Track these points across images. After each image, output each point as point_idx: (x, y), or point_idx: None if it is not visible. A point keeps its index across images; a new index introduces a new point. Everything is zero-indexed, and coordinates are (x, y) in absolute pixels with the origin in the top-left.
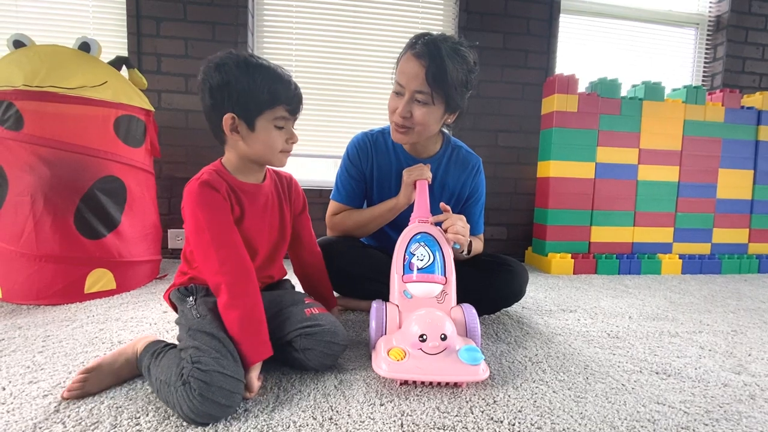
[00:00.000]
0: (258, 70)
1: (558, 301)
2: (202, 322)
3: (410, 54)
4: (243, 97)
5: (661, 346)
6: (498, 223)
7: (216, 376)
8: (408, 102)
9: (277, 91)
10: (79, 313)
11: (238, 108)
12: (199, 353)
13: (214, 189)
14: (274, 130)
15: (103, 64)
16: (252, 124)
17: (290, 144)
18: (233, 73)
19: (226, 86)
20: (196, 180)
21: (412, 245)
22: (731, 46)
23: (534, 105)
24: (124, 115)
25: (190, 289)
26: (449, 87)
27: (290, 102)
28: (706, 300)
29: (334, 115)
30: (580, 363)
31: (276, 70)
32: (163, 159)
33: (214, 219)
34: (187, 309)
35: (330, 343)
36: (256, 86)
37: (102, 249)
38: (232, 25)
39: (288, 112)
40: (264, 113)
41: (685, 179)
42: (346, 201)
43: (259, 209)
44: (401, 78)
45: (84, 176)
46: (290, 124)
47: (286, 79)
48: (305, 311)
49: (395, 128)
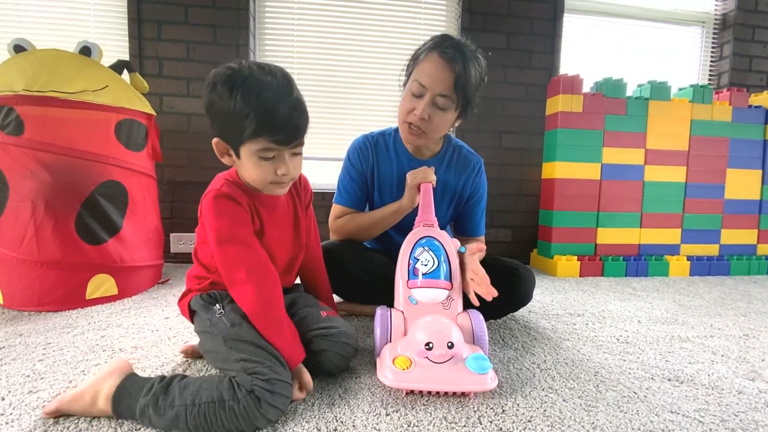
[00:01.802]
0: (242, 90)
1: (565, 305)
2: (239, 331)
3: (438, 56)
4: (225, 123)
5: (672, 352)
6: (502, 225)
7: (277, 384)
8: (429, 105)
9: (262, 121)
10: (81, 319)
11: (221, 132)
12: (252, 364)
13: (235, 201)
14: (259, 162)
15: (104, 68)
16: (237, 152)
17: (282, 176)
18: (217, 92)
19: (212, 108)
20: (215, 191)
21: (417, 250)
22: (738, 44)
23: (538, 106)
24: (126, 119)
25: (214, 296)
26: (471, 94)
27: (276, 133)
28: (716, 303)
29: (337, 118)
30: (590, 370)
31: (265, 83)
32: (164, 163)
33: (236, 230)
34: (216, 318)
35: (345, 345)
36: (236, 112)
37: (103, 254)
38: (233, 27)
39: (275, 143)
40: (246, 143)
41: (692, 180)
42: (349, 204)
43: (278, 220)
44: (424, 79)
45: (85, 181)
46: (285, 154)
47: (277, 102)
48: (320, 313)
49: (409, 129)
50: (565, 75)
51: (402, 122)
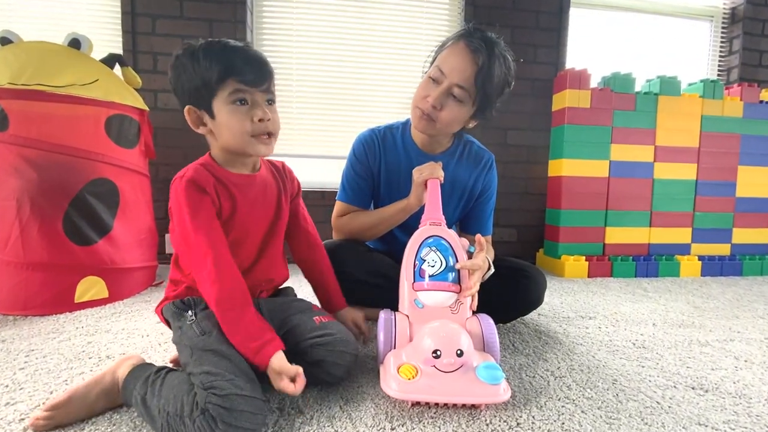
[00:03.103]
0: (203, 49)
1: (575, 307)
2: (207, 340)
3: (465, 45)
4: (192, 83)
5: (692, 357)
6: (508, 225)
7: (236, 399)
8: (443, 93)
9: (225, 63)
10: (68, 324)
11: (191, 97)
12: (211, 378)
13: (202, 190)
14: (236, 111)
15: (94, 62)
16: (209, 110)
17: (260, 124)
18: (183, 63)
19: (178, 78)
20: (181, 178)
21: (423, 250)
22: (748, 38)
23: (544, 101)
24: (116, 114)
25: (188, 303)
26: (491, 91)
27: (243, 71)
28: (731, 304)
29: (337, 115)
30: (608, 377)
31: (227, 43)
32: (159, 161)
33: (204, 225)
34: (186, 326)
35: (343, 353)
36: (202, 66)
37: (93, 255)
38: (230, 22)
39: (244, 84)
40: (217, 93)
41: (703, 177)
42: (353, 201)
43: (253, 200)
44: (444, 66)
45: (73, 179)
46: (258, 99)
47: (237, 48)
48: (314, 319)
49: (420, 115)
50: (572, 69)
51: (414, 107)
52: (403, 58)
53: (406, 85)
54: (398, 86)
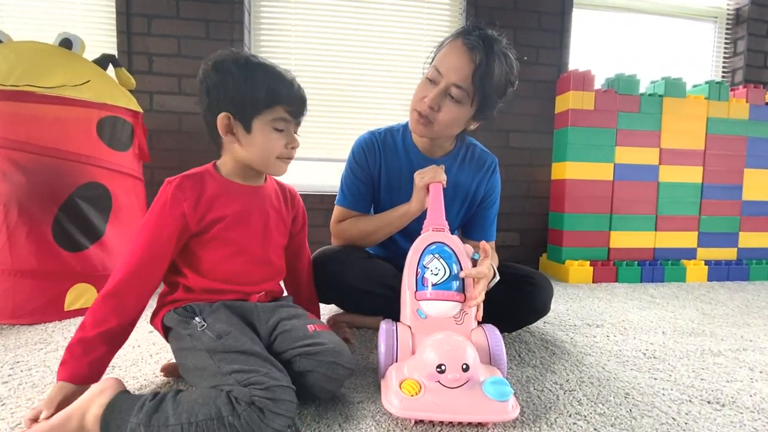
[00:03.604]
0: (258, 68)
1: (581, 315)
2: (227, 342)
3: (461, 43)
4: (239, 95)
5: (705, 368)
6: (510, 229)
7: (277, 390)
8: (440, 94)
9: (277, 90)
10: (57, 333)
11: (233, 107)
12: (246, 375)
13: (179, 196)
14: (273, 133)
15: (86, 62)
16: (248, 125)
17: (290, 149)
18: (231, 71)
19: (223, 84)
20: (169, 183)
21: (426, 257)
22: (752, 40)
23: (547, 103)
24: (109, 116)
25: (191, 309)
26: (491, 91)
27: (291, 102)
28: (740, 311)
29: (336, 117)
30: (620, 391)
31: (277, 68)
32: (155, 164)
33: (158, 232)
34: (198, 332)
35: (334, 365)
36: (254, 84)
37: (84, 262)
38: (227, 22)
39: (289, 114)
40: (261, 113)
41: (708, 180)
42: (353, 206)
43: (247, 211)
44: (442, 65)
45: (63, 183)
46: (291, 127)
47: (288, 78)
48: (307, 327)
49: (417, 118)
50: (576, 71)
51: (412, 109)
52: (404, 59)
53: (406, 87)
54: (398, 88)
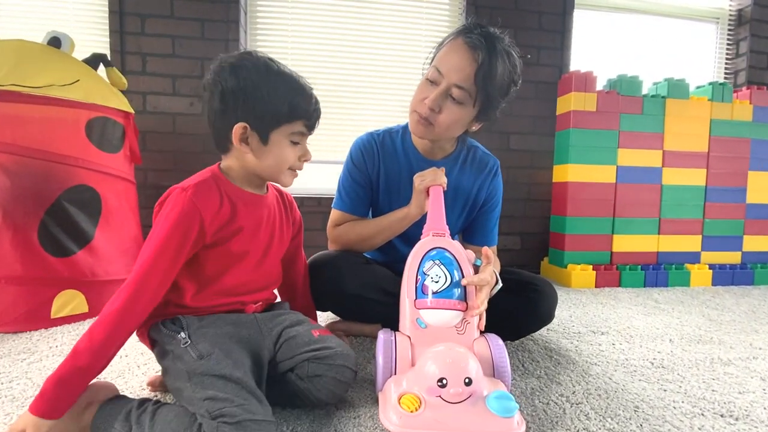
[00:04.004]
0: (279, 78)
1: (585, 321)
2: (207, 363)
3: (463, 42)
4: (260, 107)
5: (716, 378)
6: (510, 232)
7: (249, 426)
8: (441, 95)
9: (299, 104)
10: (42, 342)
11: (252, 118)
12: (219, 404)
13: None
14: (289, 146)
15: (75, 61)
16: (266, 137)
17: (302, 162)
18: (251, 79)
19: (242, 92)
20: (184, 190)
21: (426, 264)
22: (755, 41)
23: (548, 105)
24: (98, 117)
25: (178, 322)
26: (494, 91)
27: (310, 117)
28: (747, 317)
29: (334, 118)
30: (629, 403)
31: (299, 80)
32: (148, 166)
33: (174, 244)
34: (180, 350)
35: (343, 368)
36: (277, 96)
37: (72, 267)
38: (222, 22)
39: (306, 128)
40: (281, 126)
41: (712, 183)
42: (350, 209)
43: (258, 220)
44: (442, 65)
45: (50, 186)
46: (305, 140)
47: (308, 91)
48: (312, 332)
49: (417, 119)
50: (578, 72)
51: (411, 111)
52: (403, 60)
53: (405, 88)
54: (397, 89)
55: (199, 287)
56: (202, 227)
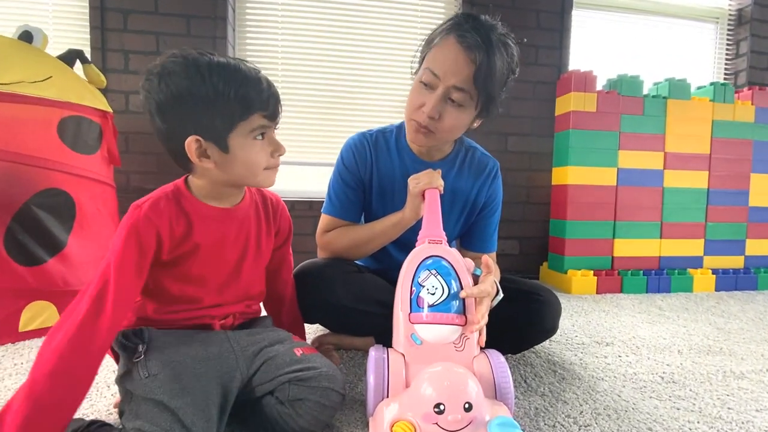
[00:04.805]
0: (215, 71)
1: (588, 331)
2: (150, 385)
3: (456, 40)
4: (204, 112)
5: (730, 394)
6: (509, 237)
7: None
8: (440, 100)
9: (247, 95)
10: (6, 359)
11: (202, 127)
12: None
13: (153, 226)
14: (254, 145)
15: (47, 57)
16: (224, 145)
17: (277, 157)
18: (183, 83)
19: (178, 101)
20: (139, 207)
21: (421, 274)
22: (756, 41)
23: (547, 105)
24: (72, 116)
25: (140, 335)
26: (495, 89)
27: (266, 106)
28: (755, 324)
29: (326, 119)
30: (641, 425)
31: (239, 66)
32: (131, 169)
33: (128, 264)
34: (131, 365)
35: (328, 391)
36: (219, 94)
37: (42, 277)
38: (209, 18)
39: (266, 119)
40: (237, 127)
41: (714, 186)
42: (341, 214)
43: (222, 239)
44: (437, 67)
45: (17, 190)
46: (272, 132)
47: (255, 76)
48: (294, 351)
49: (416, 128)
50: (578, 71)
51: (409, 119)
52: (397, 58)
53: (399, 87)
54: (391, 88)
55: (159, 302)
56: (159, 243)
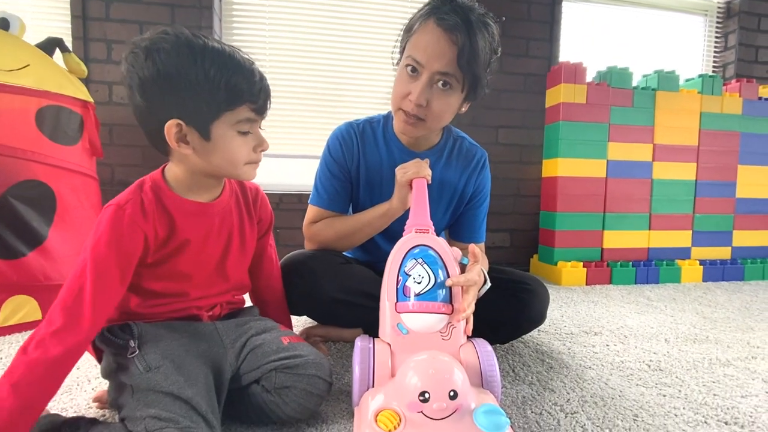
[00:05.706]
0: (208, 56)
1: (577, 321)
2: (154, 377)
3: (435, 24)
4: (191, 96)
5: (716, 381)
6: (499, 229)
7: None
8: (426, 86)
9: (238, 85)
10: None
11: (185, 111)
12: (161, 423)
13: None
14: (237, 138)
15: (25, 45)
16: (206, 132)
17: (259, 152)
18: (173, 62)
19: (165, 81)
20: (124, 206)
21: (408, 263)
22: (744, 34)
23: (537, 97)
24: (51, 105)
25: (127, 329)
26: (479, 69)
27: (256, 98)
28: (741, 313)
29: (314, 110)
30: (627, 411)
31: (234, 55)
32: (115, 161)
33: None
34: (126, 360)
35: (315, 378)
36: (209, 80)
37: (21, 271)
38: (195, 7)
39: (254, 112)
40: (222, 116)
41: (702, 177)
42: (328, 205)
43: (206, 234)
44: (419, 54)
45: None
46: (257, 126)
47: (248, 66)
48: (281, 339)
49: (404, 118)
50: (567, 63)
51: (396, 109)
52: (386, 49)
53: (388, 78)
54: (380, 79)
55: (143, 297)
56: (146, 244)
